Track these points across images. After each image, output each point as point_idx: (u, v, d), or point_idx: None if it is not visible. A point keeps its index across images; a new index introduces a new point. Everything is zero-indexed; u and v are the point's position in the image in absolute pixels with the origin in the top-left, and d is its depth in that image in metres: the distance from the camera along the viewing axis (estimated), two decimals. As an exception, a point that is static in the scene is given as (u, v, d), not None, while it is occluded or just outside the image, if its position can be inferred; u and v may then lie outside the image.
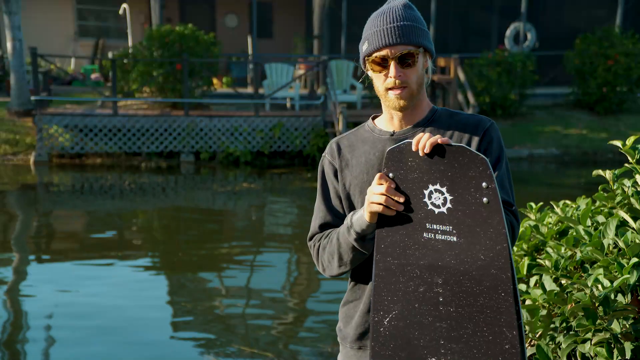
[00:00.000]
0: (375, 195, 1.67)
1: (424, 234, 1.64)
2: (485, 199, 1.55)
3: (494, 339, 1.56)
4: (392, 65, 1.78)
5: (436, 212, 1.61)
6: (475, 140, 1.82)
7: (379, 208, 1.67)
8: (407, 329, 1.67)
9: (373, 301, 1.72)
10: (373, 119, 1.98)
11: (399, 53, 1.77)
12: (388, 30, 1.78)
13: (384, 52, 1.79)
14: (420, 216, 1.64)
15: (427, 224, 1.63)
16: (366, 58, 1.83)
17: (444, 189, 1.60)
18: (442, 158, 1.59)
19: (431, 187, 1.61)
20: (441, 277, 1.62)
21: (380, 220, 1.70)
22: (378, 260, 1.71)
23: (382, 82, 1.82)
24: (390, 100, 1.82)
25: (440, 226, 1.61)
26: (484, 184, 1.55)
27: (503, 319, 1.54)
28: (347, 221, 1.83)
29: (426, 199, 1.62)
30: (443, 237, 1.61)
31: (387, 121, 1.91)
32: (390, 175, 1.67)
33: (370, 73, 1.87)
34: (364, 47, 1.84)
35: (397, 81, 1.78)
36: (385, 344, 1.70)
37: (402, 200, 1.65)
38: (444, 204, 1.60)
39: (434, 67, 1.91)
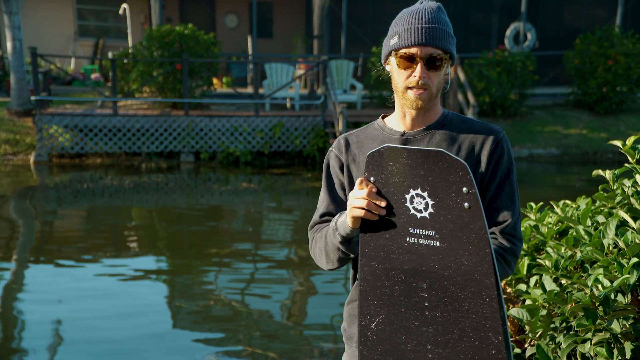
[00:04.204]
0: (357, 199, 1.67)
1: (407, 239, 1.63)
2: (466, 204, 1.54)
3: (480, 344, 1.56)
4: (419, 65, 1.78)
5: (418, 217, 1.61)
6: (487, 150, 1.83)
7: (361, 213, 1.67)
8: (394, 334, 1.67)
9: (359, 305, 1.72)
10: (383, 117, 1.98)
11: (428, 55, 1.77)
12: (421, 29, 1.78)
13: (413, 50, 1.78)
14: (403, 220, 1.63)
15: (410, 229, 1.62)
16: (394, 52, 1.82)
17: (425, 194, 1.59)
18: (422, 163, 1.58)
19: (412, 192, 1.61)
20: (426, 282, 1.62)
21: (364, 224, 1.70)
22: (363, 264, 1.71)
23: (404, 79, 1.81)
24: (408, 98, 1.82)
25: (423, 231, 1.61)
26: (464, 189, 1.54)
27: (488, 325, 1.54)
28: (332, 223, 1.84)
29: (408, 204, 1.62)
30: (426, 242, 1.61)
31: (399, 120, 1.91)
32: (372, 179, 1.66)
33: (390, 67, 1.87)
34: (391, 41, 1.83)
35: (420, 81, 1.79)
36: (373, 348, 1.71)
37: (383, 204, 1.64)
38: (425, 209, 1.59)
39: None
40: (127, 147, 12.96)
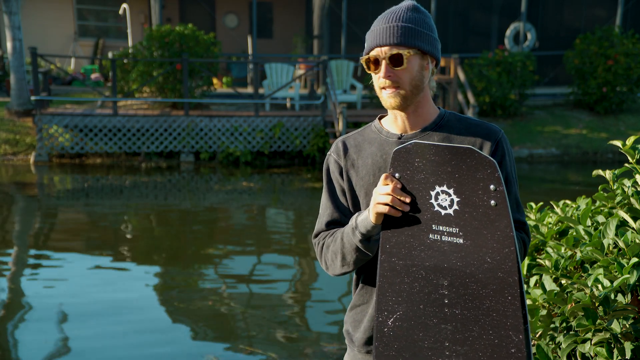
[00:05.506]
0: (381, 195, 1.66)
1: (430, 235, 1.62)
2: (492, 202, 1.53)
3: (500, 342, 1.55)
4: (383, 65, 1.79)
5: (442, 214, 1.60)
6: (486, 152, 1.80)
7: (385, 209, 1.65)
8: (411, 330, 1.66)
9: (377, 301, 1.70)
10: (380, 119, 1.97)
11: (389, 54, 1.78)
12: (383, 30, 1.80)
13: (374, 53, 1.81)
14: (426, 217, 1.62)
15: (433, 225, 1.62)
16: (365, 58, 1.85)
17: (451, 191, 1.58)
18: (449, 160, 1.57)
19: (438, 189, 1.60)
20: (447, 279, 1.61)
21: (386, 220, 1.68)
22: (383, 261, 1.70)
23: (377, 81, 1.83)
24: (383, 99, 1.83)
25: (447, 228, 1.60)
26: (491, 187, 1.53)
27: (509, 323, 1.53)
28: (352, 222, 1.81)
29: (433, 200, 1.61)
30: (449, 239, 1.60)
31: (392, 122, 1.90)
32: (397, 175, 1.66)
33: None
34: (365, 47, 1.87)
35: (387, 81, 1.79)
36: (389, 345, 1.70)
37: (408, 200, 1.63)
38: (450, 206, 1.59)
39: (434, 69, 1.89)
40: (127, 147, 12.95)
